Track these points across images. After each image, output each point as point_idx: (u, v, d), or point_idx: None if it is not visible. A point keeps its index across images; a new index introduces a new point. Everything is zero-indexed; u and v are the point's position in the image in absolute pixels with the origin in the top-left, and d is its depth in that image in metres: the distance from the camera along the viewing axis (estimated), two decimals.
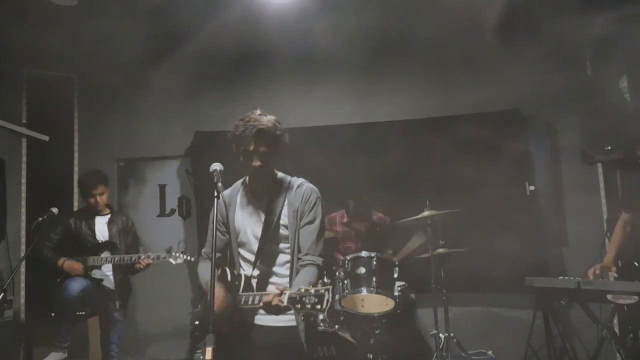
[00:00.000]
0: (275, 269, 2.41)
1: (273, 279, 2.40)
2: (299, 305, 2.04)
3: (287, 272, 2.39)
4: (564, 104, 4.83)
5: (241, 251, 2.46)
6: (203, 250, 2.62)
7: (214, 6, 4.13)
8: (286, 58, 5.03)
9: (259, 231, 2.39)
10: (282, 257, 2.41)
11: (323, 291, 2.01)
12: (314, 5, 4.27)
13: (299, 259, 2.37)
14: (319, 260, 2.37)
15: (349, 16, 4.33)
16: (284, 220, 2.39)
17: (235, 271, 2.45)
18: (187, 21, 4.27)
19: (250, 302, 2.26)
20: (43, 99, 5.13)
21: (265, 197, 2.44)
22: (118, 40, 4.27)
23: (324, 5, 4.27)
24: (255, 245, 2.40)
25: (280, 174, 2.51)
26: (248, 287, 2.33)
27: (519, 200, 4.82)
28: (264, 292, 2.28)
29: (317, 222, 2.40)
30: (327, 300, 2.00)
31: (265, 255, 2.39)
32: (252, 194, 2.47)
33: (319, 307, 2.00)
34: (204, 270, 2.49)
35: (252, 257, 2.42)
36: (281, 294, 2.11)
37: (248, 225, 2.43)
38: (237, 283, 2.35)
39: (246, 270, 2.42)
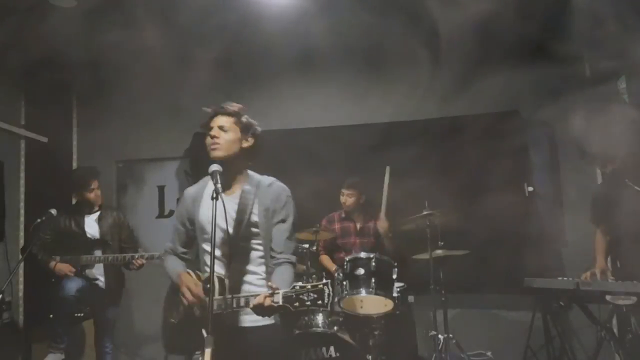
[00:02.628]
0: (249, 267, 2.38)
1: (247, 277, 2.37)
2: (297, 303, 2.02)
3: (261, 270, 2.38)
4: (564, 105, 4.84)
5: (207, 247, 2.39)
6: (168, 246, 2.58)
7: (213, 7, 4.13)
8: (286, 59, 5.04)
9: (228, 227, 2.35)
10: (255, 254, 2.39)
11: (321, 286, 2.00)
12: (313, 6, 4.27)
13: (272, 257, 2.37)
14: (294, 259, 2.39)
15: (347, 17, 4.33)
16: (254, 218, 2.37)
17: (201, 272, 2.42)
18: (186, 22, 4.27)
19: (237, 305, 2.23)
20: (42, 100, 5.13)
21: (234, 193, 2.43)
22: (117, 42, 4.27)
23: (322, 6, 4.27)
24: (225, 242, 2.37)
25: (250, 172, 2.50)
26: (222, 287, 2.29)
27: (518, 201, 4.82)
28: (251, 294, 2.24)
29: (290, 220, 2.41)
30: (329, 295, 1.99)
31: (238, 253, 2.36)
32: (221, 190, 2.42)
33: (320, 302, 1.99)
34: (174, 263, 2.50)
35: (220, 254, 2.37)
36: (272, 294, 2.08)
37: (217, 224, 2.36)
38: (208, 286, 2.25)
39: (216, 268, 2.34)
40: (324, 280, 2.05)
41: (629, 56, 3.70)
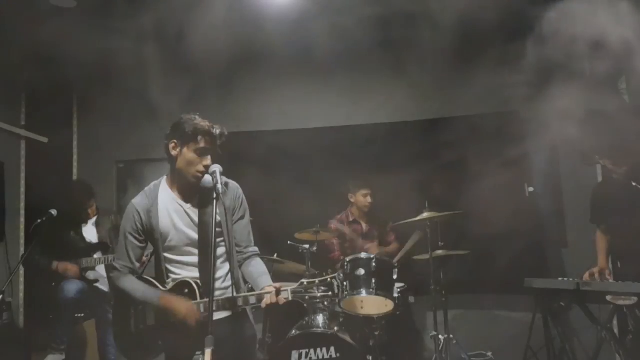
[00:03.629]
0: (217, 267, 2.43)
1: (216, 277, 2.41)
2: (307, 297, 2.13)
3: (224, 265, 2.46)
4: (563, 106, 4.83)
5: (169, 256, 2.44)
6: (119, 264, 2.49)
7: (213, 7, 4.12)
8: (285, 59, 5.03)
9: (192, 232, 2.41)
10: (219, 252, 2.44)
11: (330, 280, 2.11)
12: (313, 7, 4.27)
13: (238, 252, 2.49)
14: (257, 249, 2.54)
15: (348, 17, 4.32)
16: (217, 218, 2.38)
17: (162, 280, 2.45)
18: (186, 22, 4.27)
19: (239, 304, 2.29)
20: (42, 100, 5.13)
21: (193, 199, 2.45)
22: (117, 42, 4.27)
23: (323, 6, 4.27)
24: (190, 248, 2.41)
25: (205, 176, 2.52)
26: (200, 292, 2.35)
27: (518, 202, 4.82)
28: (254, 292, 2.30)
29: (247, 215, 2.55)
30: (338, 287, 2.12)
31: (207, 255, 2.39)
32: (180, 196, 2.46)
33: (330, 293, 2.12)
34: (138, 285, 2.45)
35: (188, 260, 2.42)
36: (278, 291, 2.16)
37: (178, 228, 2.42)
38: (186, 290, 2.36)
39: (183, 273, 2.43)
40: (331, 274, 2.15)
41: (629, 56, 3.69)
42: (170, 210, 2.44)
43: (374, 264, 3.75)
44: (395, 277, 3.84)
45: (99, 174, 5.28)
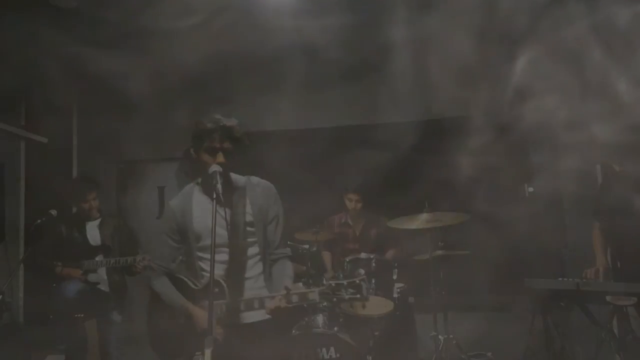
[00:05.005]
0: (247, 267, 2.43)
1: (246, 277, 2.42)
2: (335, 299, 2.12)
3: (258, 264, 2.45)
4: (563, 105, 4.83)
5: (203, 255, 2.45)
6: (158, 264, 2.53)
7: (212, 7, 4.12)
8: (285, 59, 5.03)
9: (223, 232, 2.38)
10: (251, 251, 2.43)
11: (358, 281, 2.11)
12: (312, 7, 4.27)
13: (269, 253, 2.46)
14: (289, 251, 2.52)
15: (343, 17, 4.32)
16: (249, 217, 2.42)
17: (196, 279, 2.45)
18: (185, 22, 4.27)
19: (248, 308, 2.27)
20: (42, 100, 5.13)
21: (224, 197, 2.42)
22: (117, 42, 4.27)
23: (320, 7, 4.27)
24: (222, 248, 2.39)
25: (233, 175, 2.51)
26: (222, 290, 2.33)
27: (518, 202, 4.82)
28: (263, 295, 2.29)
29: (281, 216, 2.53)
30: (367, 289, 2.11)
31: (239, 256, 2.40)
32: (210, 197, 2.43)
33: (358, 296, 2.10)
34: (166, 288, 2.47)
35: (222, 259, 2.40)
36: (288, 294, 2.14)
37: (211, 228, 2.37)
38: (216, 290, 2.31)
39: (220, 275, 2.39)
40: (361, 276, 2.16)
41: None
42: (203, 210, 2.44)
43: (373, 264, 3.76)
44: (395, 277, 3.84)
45: (99, 174, 5.28)
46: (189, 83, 5.14)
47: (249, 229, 2.41)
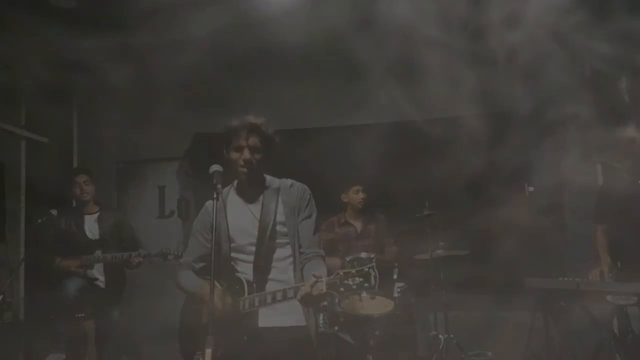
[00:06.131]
0: (275, 264, 2.43)
1: (272, 275, 2.41)
2: (342, 289, 2.07)
3: (290, 267, 2.43)
4: (563, 105, 4.84)
5: (236, 255, 2.47)
6: (183, 260, 2.60)
7: (211, 8, 4.12)
8: (286, 59, 5.03)
9: (255, 233, 2.41)
10: (282, 253, 2.44)
11: (367, 270, 2.06)
12: (313, 6, 4.27)
13: (301, 253, 2.44)
14: (322, 252, 2.48)
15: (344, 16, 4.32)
16: (280, 218, 2.43)
17: (223, 280, 2.44)
18: (184, 22, 4.27)
19: (278, 299, 2.24)
20: (42, 100, 5.12)
21: (257, 199, 2.47)
22: (116, 42, 4.27)
23: (322, 5, 4.27)
24: (252, 248, 2.42)
25: (267, 177, 2.54)
26: (250, 289, 2.35)
27: (519, 201, 4.82)
28: (294, 285, 2.26)
29: (314, 216, 2.51)
30: (375, 277, 2.05)
31: (265, 255, 2.41)
32: (243, 199, 2.50)
33: (367, 285, 2.05)
34: (188, 278, 2.51)
35: (250, 259, 2.43)
36: (316, 282, 2.11)
37: (244, 229, 2.45)
38: (237, 287, 2.36)
39: (246, 273, 2.43)
40: (370, 264, 2.10)
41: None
42: (236, 211, 2.47)
43: (374, 264, 3.75)
44: (395, 276, 3.85)
45: (99, 174, 5.27)
46: (189, 83, 5.14)
47: (280, 229, 2.42)
